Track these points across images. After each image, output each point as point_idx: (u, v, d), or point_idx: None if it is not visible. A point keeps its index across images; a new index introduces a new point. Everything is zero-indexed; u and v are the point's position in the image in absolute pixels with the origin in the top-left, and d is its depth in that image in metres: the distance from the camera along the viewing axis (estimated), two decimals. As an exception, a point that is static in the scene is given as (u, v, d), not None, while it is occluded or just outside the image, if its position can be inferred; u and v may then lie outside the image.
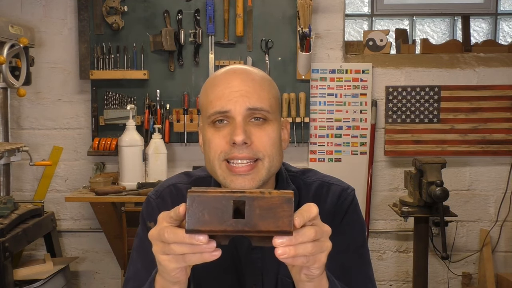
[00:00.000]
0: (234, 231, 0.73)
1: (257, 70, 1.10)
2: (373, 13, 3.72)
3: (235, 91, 1.03)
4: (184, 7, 3.09)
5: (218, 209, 0.73)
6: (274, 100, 1.08)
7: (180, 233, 0.75)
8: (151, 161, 2.93)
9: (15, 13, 3.15)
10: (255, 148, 1.02)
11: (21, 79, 2.75)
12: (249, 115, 1.03)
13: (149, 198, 1.19)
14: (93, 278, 3.35)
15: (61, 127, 3.22)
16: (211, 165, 1.06)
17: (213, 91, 1.05)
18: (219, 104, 1.03)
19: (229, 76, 1.06)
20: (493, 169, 3.28)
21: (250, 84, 1.04)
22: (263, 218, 0.73)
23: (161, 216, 0.80)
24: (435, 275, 3.31)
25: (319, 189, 1.16)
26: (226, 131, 1.03)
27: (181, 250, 0.76)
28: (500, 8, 3.75)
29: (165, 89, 3.12)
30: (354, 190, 1.18)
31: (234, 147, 1.01)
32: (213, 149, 1.04)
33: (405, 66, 3.23)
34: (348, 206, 1.15)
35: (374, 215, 3.28)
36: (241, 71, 1.07)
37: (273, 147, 1.04)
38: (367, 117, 3.19)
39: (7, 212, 2.43)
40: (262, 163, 1.03)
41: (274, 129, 1.05)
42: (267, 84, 1.07)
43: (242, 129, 1.00)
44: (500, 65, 3.24)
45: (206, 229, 0.73)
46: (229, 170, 1.03)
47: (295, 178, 1.18)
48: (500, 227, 3.28)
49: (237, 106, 1.02)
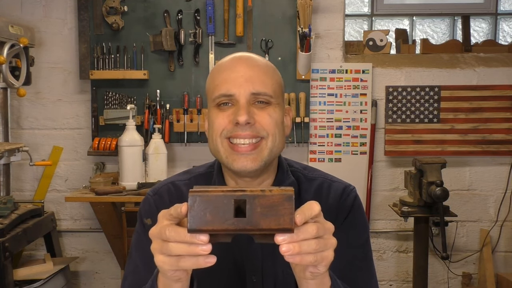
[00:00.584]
0: (236, 230, 0.74)
1: (261, 57, 1.14)
2: (373, 13, 3.73)
3: (240, 76, 1.07)
4: (184, 7, 3.09)
5: (220, 208, 0.74)
6: (278, 86, 1.11)
7: (182, 232, 0.76)
8: (151, 161, 2.93)
9: (15, 13, 3.15)
10: (258, 126, 1.06)
11: (21, 79, 2.75)
12: (252, 99, 1.07)
13: (147, 195, 1.21)
14: (93, 278, 3.35)
15: (61, 127, 3.22)
16: (214, 144, 1.09)
17: (220, 76, 1.09)
18: (224, 87, 1.07)
19: (235, 62, 1.10)
20: (493, 169, 3.28)
21: (255, 69, 1.08)
22: (264, 216, 0.74)
23: (161, 214, 0.80)
24: (435, 275, 3.31)
25: (321, 185, 1.18)
26: (230, 112, 1.07)
27: (179, 250, 0.76)
28: (500, 8, 3.75)
29: (165, 89, 3.12)
30: (355, 188, 1.21)
31: (237, 126, 1.04)
32: (216, 127, 1.07)
33: (405, 66, 3.23)
34: (352, 204, 1.17)
35: (374, 215, 3.28)
36: (246, 57, 1.11)
37: (276, 127, 1.08)
38: (367, 117, 3.19)
39: (7, 212, 2.43)
40: (266, 142, 1.06)
41: (277, 111, 1.09)
42: (271, 71, 1.12)
43: (246, 110, 1.04)
44: (500, 65, 3.24)
45: (208, 228, 0.74)
46: (231, 149, 1.06)
47: (296, 172, 1.20)
48: (500, 227, 3.28)
49: (241, 90, 1.06)
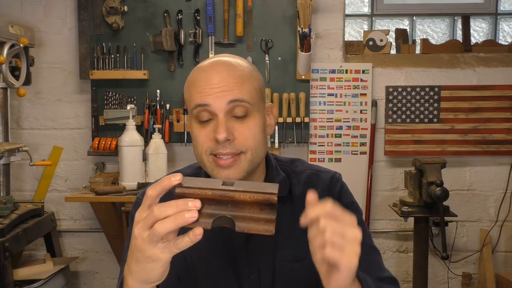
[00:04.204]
0: (223, 192, 0.79)
1: (239, 61, 1.11)
2: (373, 13, 3.73)
3: (215, 87, 1.05)
4: (184, 7, 3.09)
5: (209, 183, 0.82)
6: (256, 91, 1.10)
7: (169, 202, 0.79)
8: (151, 161, 2.93)
9: (15, 13, 3.15)
10: (238, 143, 1.06)
11: (21, 79, 2.76)
12: (230, 109, 1.06)
13: (137, 198, 1.21)
14: (93, 278, 3.35)
15: (61, 127, 3.22)
16: (200, 159, 1.10)
17: (194, 88, 1.08)
18: (199, 98, 1.06)
19: (209, 73, 1.08)
20: (493, 169, 3.28)
21: (230, 79, 1.06)
22: (251, 188, 0.80)
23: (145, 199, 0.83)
24: (435, 275, 3.31)
25: (310, 177, 1.21)
26: (209, 128, 1.07)
27: (166, 226, 0.78)
28: (500, 8, 3.75)
29: (165, 89, 3.12)
30: (341, 175, 1.25)
31: (218, 144, 1.05)
32: (200, 145, 1.08)
33: (405, 66, 3.23)
34: (340, 191, 1.20)
35: (374, 215, 3.28)
36: (221, 67, 1.08)
37: (255, 140, 1.08)
38: (367, 117, 3.19)
39: (7, 212, 2.43)
40: (245, 156, 1.07)
41: (256, 122, 1.09)
42: (247, 77, 1.09)
43: (224, 127, 1.04)
44: (500, 65, 3.24)
45: (196, 187, 0.79)
46: (215, 163, 1.07)
47: (284, 167, 1.22)
48: (500, 227, 3.28)
49: (217, 101, 1.05)
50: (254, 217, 0.79)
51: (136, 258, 0.83)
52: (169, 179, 0.81)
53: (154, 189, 0.81)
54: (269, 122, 1.17)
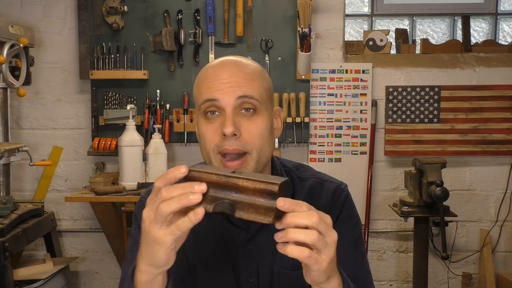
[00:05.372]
0: (228, 178, 0.81)
1: (249, 61, 1.13)
2: (373, 13, 3.73)
3: (225, 81, 1.06)
4: (184, 7, 3.09)
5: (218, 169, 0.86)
6: (265, 91, 1.10)
7: (177, 185, 0.82)
8: (151, 161, 2.93)
9: (15, 13, 3.14)
10: (244, 140, 1.06)
11: (21, 79, 2.75)
12: (239, 104, 1.06)
13: (141, 197, 1.22)
14: (93, 278, 3.35)
15: (61, 127, 3.22)
16: (208, 156, 1.10)
17: (204, 82, 1.09)
18: (209, 93, 1.07)
19: (218, 69, 1.09)
20: (493, 169, 3.28)
21: (240, 73, 1.07)
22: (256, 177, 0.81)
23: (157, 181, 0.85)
24: (435, 275, 3.31)
25: (314, 186, 1.20)
26: (217, 124, 1.07)
27: (170, 205, 0.80)
28: (500, 8, 3.75)
29: (165, 89, 3.12)
30: (347, 186, 1.22)
31: (225, 139, 1.05)
32: (208, 142, 1.08)
33: (405, 66, 3.23)
34: (344, 202, 1.18)
35: (374, 215, 3.28)
36: (231, 64, 1.10)
37: (261, 139, 1.08)
38: (367, 117, 3.19)
39: (7, 212, 2.43)
40: (251, 156, 1.07)
41: (264, 120, 1.09)
42: (257, 76, 1.10)
43: (232, 121, 1.04)
44: (500, 65, 3.24)
45: (203, 171, 0.82)
46: (223, 164, 1.08)
47: (289, 173, 1.21)
48: (500, 227, 3.28)
49: (226, 97, 1.05)
50: (254, 205, 0.80)
51: (145, 241, 0.86)
52: (174, 172, 0.83)
53: (160, 181, 0.84)
54: (277, 125, 1.17)
